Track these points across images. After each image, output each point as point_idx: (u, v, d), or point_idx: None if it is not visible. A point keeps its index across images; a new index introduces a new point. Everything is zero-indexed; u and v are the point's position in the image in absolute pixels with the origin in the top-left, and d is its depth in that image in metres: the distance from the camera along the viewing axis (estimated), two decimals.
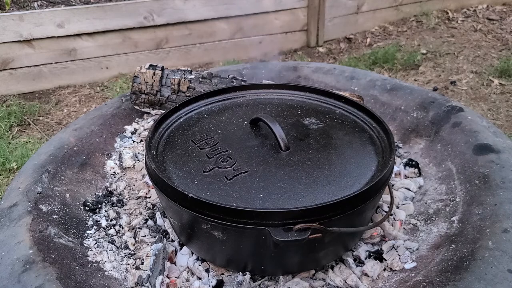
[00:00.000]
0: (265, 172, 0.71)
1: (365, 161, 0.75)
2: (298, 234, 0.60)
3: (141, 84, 1.14)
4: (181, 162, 0.75)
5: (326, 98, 0.94)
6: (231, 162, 0.73)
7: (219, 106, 0.93)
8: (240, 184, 0.69)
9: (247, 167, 0.72)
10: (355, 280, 0.71)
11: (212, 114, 0.90)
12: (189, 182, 0.70)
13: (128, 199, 0.93)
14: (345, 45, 2.84)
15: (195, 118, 0.88)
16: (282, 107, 0.93)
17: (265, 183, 0.69)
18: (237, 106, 0.93)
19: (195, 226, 0.68)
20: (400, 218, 0.84)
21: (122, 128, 1.13)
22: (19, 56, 2.32)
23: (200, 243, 0.73)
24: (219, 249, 0.70)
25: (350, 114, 0.89)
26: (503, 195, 0.76)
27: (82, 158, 0.98)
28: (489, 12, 3.07)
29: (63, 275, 0.67)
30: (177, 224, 0.73)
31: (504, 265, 0.63)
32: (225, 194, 0.67)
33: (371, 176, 0.72)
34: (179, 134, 0.83)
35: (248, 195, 0.66)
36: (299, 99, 0.96)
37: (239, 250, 0.69)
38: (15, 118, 2.14)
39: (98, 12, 2.36)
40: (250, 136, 0.81)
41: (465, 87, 2.22)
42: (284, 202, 0.65)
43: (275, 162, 0.74)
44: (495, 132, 0.92)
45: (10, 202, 0.82)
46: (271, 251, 0.65)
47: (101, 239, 0.82)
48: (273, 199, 0.66)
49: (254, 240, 0.65)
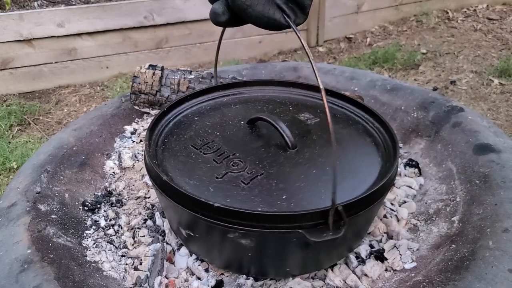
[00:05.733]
0: (280, 172, 0.69)
1: (369, 154, 0.75)
2: (333, 232, 0.59)
3: (140, 84, 1.14)
4: (187, 170, 0.71)
5: (311, 92, 0.93)
6: (243, 165, 0.70)
7: (206, 107, 0.89)
8: (259, 188, 0.66)
9: (260, 169, 0.69)
10: (354, 280, 0.71)
11: (202, 115, 0.86)
12: (204, 190, 0.65)
13: (127, 199, 0.93)
14: (345, 45, 2.84)
15: (185, 121, 0.84)
16: (272, 104, 0.90)
17: (284, 184, 0.66)
18: (225, 105, 0.90)
19: (219, 236, 0.65)
20: (403, 216, 0.84)
21: (121, 128, 1.13)
22: (19, 55, 2.32)
23: (219, 251, 0.70)
24: (242, 256, 0.67)
25: (339, 107, 0.88)
26: (504, 195, 0.75)
27: (82, 158, 0.98)
28: (489, 12, 3.06)
29: (61, 275, 0.67)
30: (193, 235, 0.69)
31: (504, 264, 0.63)
32: (247, 200, 0.63)
33: (379, 169, 0.71)
34: (174, 140, 0.79)
35: (271, 199, 0.64)
36: (286, 95, 0.94)
37: (266, 255, 0.66)
38: (15, 118, 2.13)
39: (98, 11, 2.36)
40: (252, 136, 0.79)
41: (465, 86, 2.22)
42: (309, 201, 0.63)
43: (287, 161, 0.71)
44: (495, 132, 0.92)
45: (9, 202, 0.81)
46: (299, 252, 0.64)
47: (99, 239, 0.81)
48: (297, 200, 0.63)
49: (284, 243, 0.63)
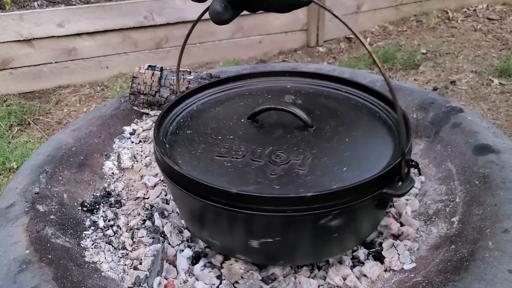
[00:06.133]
0: (322, 150, 0.70)
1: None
2: (409, 182, 0.62)
3: (140, 85, 1.14)
4: (231, 178, 0.66)
5: (296, 78, 0.93)
6: (286, 156, 0.69)
7: (197, 109, 0.86)
8: (319, 169, 0.66)
9: (303, 152, 0.69)
10: (354, 280, 0.70)
11: (197, 120, 0.82)
12: (268, 189, 0.63)
13: (126, 200, 0.93)
14: (345, 45, 2.84)
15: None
16: (267, 94, 0.88)
17: (334, 158, 0.68)
18: (216, 105, 0.87)
19: (311, 222, 0.63)
20: (407, 213, 0.83)
21: (120, 129, 1.13)
22: (19, 55, 2.32)
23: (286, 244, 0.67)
24: (316, 238, 0.66)
25: (325, 87, 0.89)
26: (503, 196, 0.75)
27: (80, 159, 0.98)
28: (489, 12, 3.06)
29: (60, 275, 0.67)
30: (257, 241, 0.65)
31: (504, 265, 0.62)
32: (317, 184, 0.64)
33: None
34: (191, 149, 0.73)
35: (338, 174, 0.65)
36: (281, 84, 0.93)
37: (345, 230, 0.67)
38: (15, 118, 2.14)
39: (98, 11, 2.36)
40: (266, 129, 0.76)
41: (465, 86, 2.22)
42: (366, 168, 0.66)
43: (317, 139, 0.72)
44: (495, 132, 0.92)
45: (7, 202, 0.81)
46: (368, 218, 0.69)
47: (98, 239, 0.81)
48: (356, 170, 0.66)
49: (367, 210, 0.66)
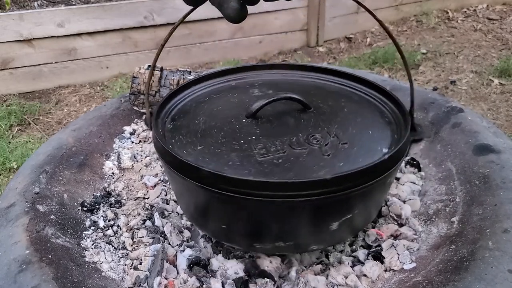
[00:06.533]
0: (330, 128, 0.73)
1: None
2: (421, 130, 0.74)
3: (139, 85, 1.14)
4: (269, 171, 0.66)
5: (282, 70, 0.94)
6: (306, 143, 0.70)
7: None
8: (333, 151, 0.68)
9: (316, 136, 0.71)
10: (354, 280, 0.71)
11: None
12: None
13: (126, 200, 0.93)
14: (345, 45, 2.84)
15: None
16: (261, 87, 0.88)
17: (344, 136, 0.71)
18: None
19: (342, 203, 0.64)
20: (406, 213, 0.83)
21: (120, 129, 1.13)
22: (19, 55, 2.32)
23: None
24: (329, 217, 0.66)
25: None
26: (504, 195, 0.75)
27: (81, 159, 0.98)
28: (489, 12, 3.06)
29: (60, 275, 0.67)
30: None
31: (504, 265, 0.62)
32: (351, 160, 0.66)
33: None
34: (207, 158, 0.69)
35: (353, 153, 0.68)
36: (267, 77, 0.93)
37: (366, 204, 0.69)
38: (15, 118, 2.14)
39: (98, 11, 2.36)
40: (275, 123, 0.75)
41: (465, 86, 2.22)
42: (373, 136, 0.72)
43: (319, 119, 0.75)
44: (495, 132, 0.92)
45: (8, 202, 0.81)
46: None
47: (98, 239, 0.81)
48: (364, 144, 0.70)
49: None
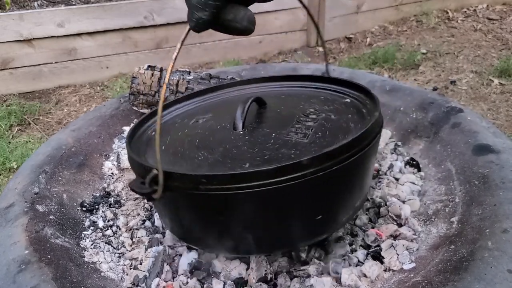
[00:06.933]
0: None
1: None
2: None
3: (139, 85, 1.14)
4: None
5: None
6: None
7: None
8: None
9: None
10: (354, 279, 0.71)
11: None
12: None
13: (125, 200, 0.93)
14: (345, 45, 2.84)
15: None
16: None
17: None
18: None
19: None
20: (406, 214, 0.83)
21: (120, 129, 1.13)
22: (19, 55, 2.32)
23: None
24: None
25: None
26: (503, 195, 0.75)
27: (80, 159, 0.98)
28: (489, 12, 3.06)
29: (59, 275, 0.67)
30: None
31: (503, 265, 0.62)
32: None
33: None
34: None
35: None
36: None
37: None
38: (15, 118, 2.14)
39: (98, 11, 2.36)
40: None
41: (465, 86, 2.22)
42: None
43: (274, 116, 0.80)
44: (494, 132, 0.92)
45: (7, 202, 0.81)
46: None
47: (97, 239, 0.81)
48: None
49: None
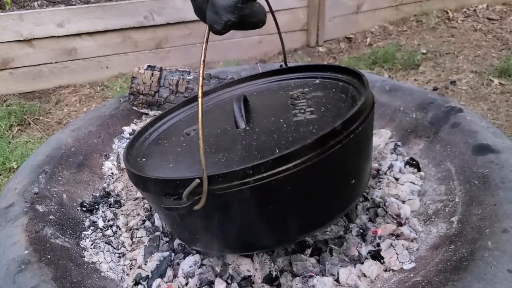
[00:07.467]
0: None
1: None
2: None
3: (139, 85, 1.14)
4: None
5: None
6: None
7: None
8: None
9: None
10: (354, 279, 0.71)
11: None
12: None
13: (125, 200, 0.93)
14: (345, 45, 2.84)
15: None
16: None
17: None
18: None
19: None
20: (406, 213, 0.83)
21: (120, 129, 1.13)
22: (19, 55, 2.32)
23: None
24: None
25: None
26: (503, 195, 0.75)
27: (80, 159, 0.98)
28: (489, 12, 3.06)
29: (59, 275, 0.67)
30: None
31: (503, 265, 0.62)
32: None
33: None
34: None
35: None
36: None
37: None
38: (15, 118, 2.13)
39: (98, 11, 2.36)
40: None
41: (465, 86, 2.22)
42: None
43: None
44: (494, 132, 0.92)
45: (7, 202, 0.81)
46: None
47: (97, 239, 0.81)
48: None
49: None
